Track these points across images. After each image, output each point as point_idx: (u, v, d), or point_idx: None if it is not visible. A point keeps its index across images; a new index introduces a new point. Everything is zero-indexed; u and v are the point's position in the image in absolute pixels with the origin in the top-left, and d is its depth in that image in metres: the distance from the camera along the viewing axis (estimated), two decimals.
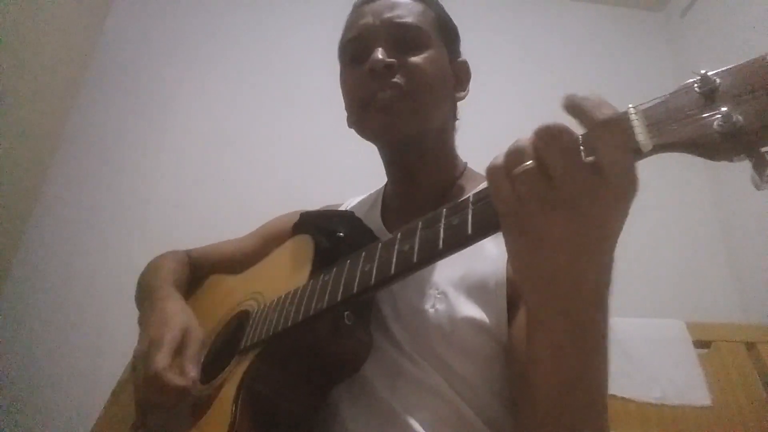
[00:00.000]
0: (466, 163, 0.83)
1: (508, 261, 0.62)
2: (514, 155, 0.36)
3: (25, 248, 1.65)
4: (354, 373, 0.61)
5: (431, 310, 0.62)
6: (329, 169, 1.87)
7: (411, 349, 0.61)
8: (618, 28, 2.44)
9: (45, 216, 1.70)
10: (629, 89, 2.22)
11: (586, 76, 2.26)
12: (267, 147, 1.93)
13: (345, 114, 0.83)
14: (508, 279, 0.61)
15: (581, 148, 0.34)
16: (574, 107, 0.35)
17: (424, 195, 0.77)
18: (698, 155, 0.33)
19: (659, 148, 0.33)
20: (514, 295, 0.60)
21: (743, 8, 1.92)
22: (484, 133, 1.49)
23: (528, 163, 0.35)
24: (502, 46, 2.25)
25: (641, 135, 0.33)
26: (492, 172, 0.37)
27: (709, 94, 0.32)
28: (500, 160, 0.37)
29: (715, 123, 0.31)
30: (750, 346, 1.47)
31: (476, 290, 0.62)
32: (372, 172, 0.92)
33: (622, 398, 1.32)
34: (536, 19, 2.41)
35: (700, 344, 1.48)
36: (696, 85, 0.33)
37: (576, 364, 0.40)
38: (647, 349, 1.44)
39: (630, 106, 0.35)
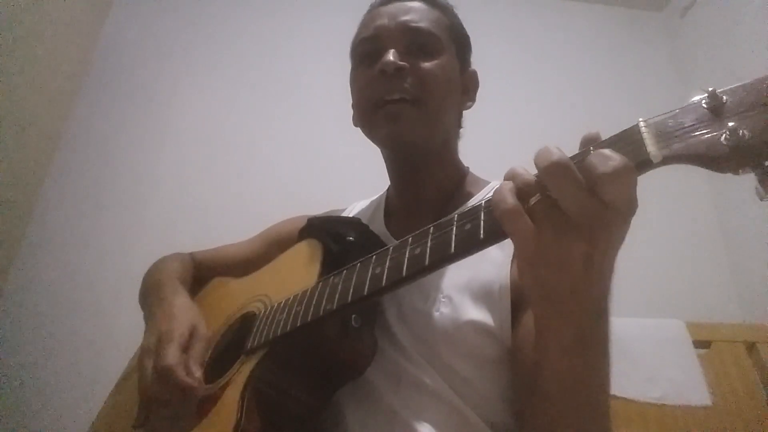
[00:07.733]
0: (467, 168, 0.83)
1: (512, 267, 0.63)
2: (522, 188, 0.38)
3: (26, 248, 1.65)
4: (359, 376, 0.61)
5: (436, 314, 0.62)
6: (332, 173, 1.86)
7: (415, 353, 0.62)
8: (618, 28, 2.44)
9: (45, 216, 1.70)
10: (629, 89, 2.23)
11: (586, 76, 2.27)
12: (269, 148, 1.93)
13: (348, 116, 0.83)
14: (512, 283, 0.62)
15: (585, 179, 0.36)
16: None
17: (428, 201, 0.77)
18: (705, 167, 0.34)
19: (668, 159, 0.35)
20: (518, 299, 0.61)
21: (743, 8, 1.93)
22: (485, 134, 1.49)
23: (537, 195, 0.37)
24: (502, 46, 2.24)
25: (651, 146, 0.35)
26: (505, 212, 0.38)
27: (717, 110, 0.34)
28: (508, 196, 0.38)
29: (723, 137, 0.32)
30: (750, 346, 1.47)
31: (481, 294, 0.62)
32: (375, 175, 0.92)
33: (622, 398, 1.32)
34: (536, 20, 2.41)
35: (700, 344, 1.48)
36: (704, 101, 0.35)
37: (581, 365, 0.43)
38: (647, 349, 1.44)
39: (640, 119, 0.37)
